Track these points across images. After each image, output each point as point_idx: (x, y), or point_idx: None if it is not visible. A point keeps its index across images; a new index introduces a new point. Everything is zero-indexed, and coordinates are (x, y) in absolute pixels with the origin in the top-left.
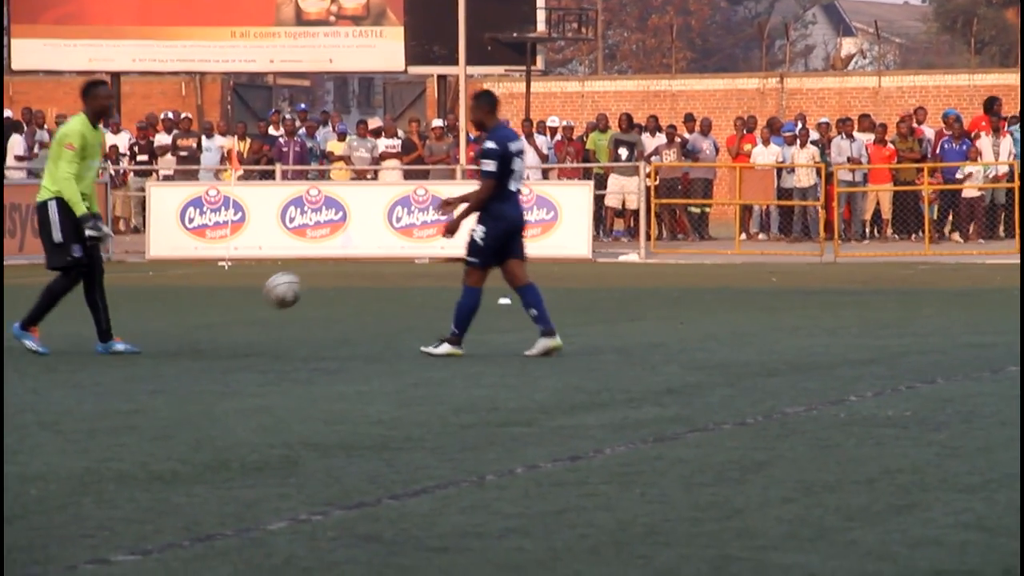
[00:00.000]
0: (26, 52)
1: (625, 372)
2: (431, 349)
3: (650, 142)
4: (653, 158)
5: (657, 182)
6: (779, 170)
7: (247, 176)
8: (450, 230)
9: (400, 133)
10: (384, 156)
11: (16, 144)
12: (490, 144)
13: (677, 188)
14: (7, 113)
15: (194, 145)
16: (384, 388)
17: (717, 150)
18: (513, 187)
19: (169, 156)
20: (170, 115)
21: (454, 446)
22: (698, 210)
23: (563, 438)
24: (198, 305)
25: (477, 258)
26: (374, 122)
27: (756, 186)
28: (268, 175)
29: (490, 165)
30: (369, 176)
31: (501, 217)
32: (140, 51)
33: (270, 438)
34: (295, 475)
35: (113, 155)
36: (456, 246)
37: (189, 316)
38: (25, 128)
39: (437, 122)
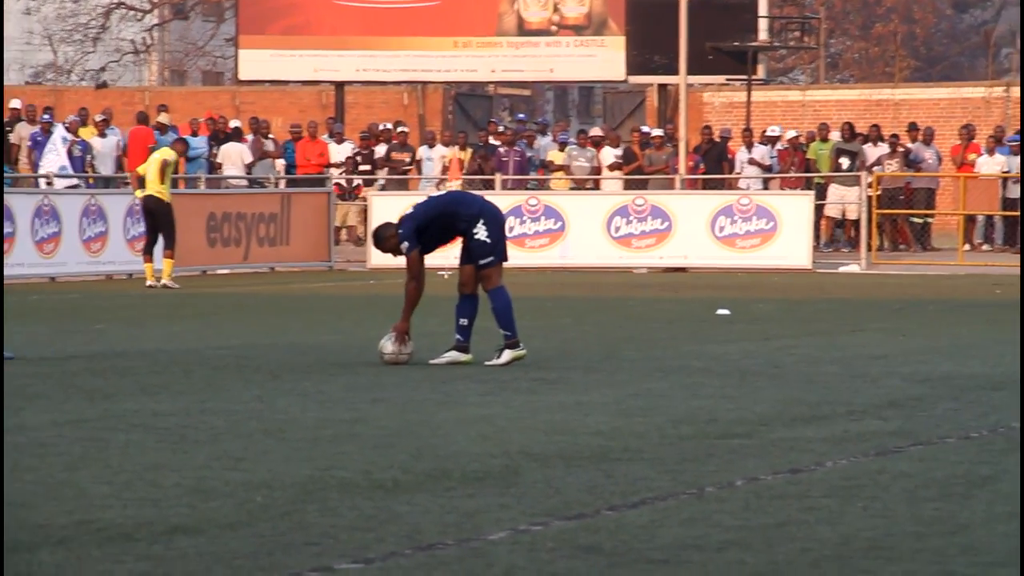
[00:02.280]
0: (253, 62)
1: (846, 384)
2: (496, 361)
3: (872, 152)
4: (875, 168)
5: (879, 192)
6: (1004, 180)
7: (468, 185)
8: (402, 332)
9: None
10: (612, 167)
11: (243, 153)
12: (401, 230)
13: (899, 198)
14: (235, 123)
15: (407, 159)
16: (603, 399)
17: (940, 160)
18: (476, 205)
19: (381, 169)
20: (388, 126)
21: (673, 457)
22: (920, 220)
23: (783, 451)
24: (418, 314)
25: (492, 256)
26: (595, 131)
27: (980, 196)
28: (488, 184)
29: (406, 242)
30: (589, 186)
31: (494, 212)
32: (364, 61)
33: (490, 448)
34: (515, 485)
35: (350, 166)
36: (674, 256)
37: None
38: (252, 137)
39: (657, 131)
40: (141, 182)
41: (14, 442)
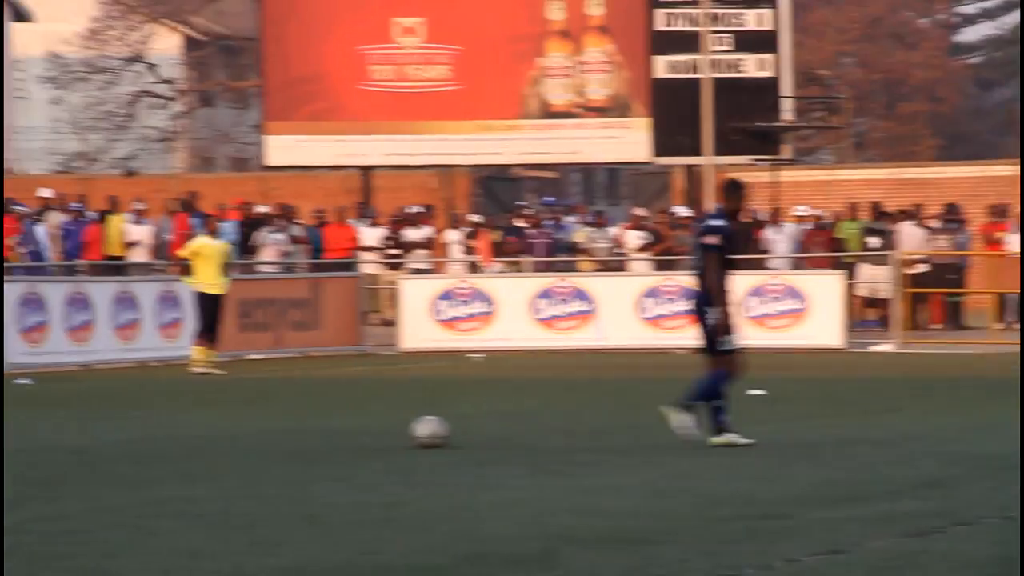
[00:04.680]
0: (280, 148)
1: (882, 464)
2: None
3: (904, 229)
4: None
5: (929, 269)
6: None
7: (499, 268)
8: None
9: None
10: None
11: (271, 240)
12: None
13: (945, 277)
14: (262, 208)
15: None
16: (639, 480)
17: (970, 238)
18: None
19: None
20: (420, 210)
21: (711, 539)
22: (952, 299)
23: (822, 531)
24: (451, 397)
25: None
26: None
27: (1011, 274)
28: (517, 267)
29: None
30: (613, 266)
31: None
32: (390, 146)
33: (527, 531)
34: (554, 569)
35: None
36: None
37: (443, 408)
38: (275, 222)
39: (685, 212)
40: (188, 268)
41: (50, 530)
